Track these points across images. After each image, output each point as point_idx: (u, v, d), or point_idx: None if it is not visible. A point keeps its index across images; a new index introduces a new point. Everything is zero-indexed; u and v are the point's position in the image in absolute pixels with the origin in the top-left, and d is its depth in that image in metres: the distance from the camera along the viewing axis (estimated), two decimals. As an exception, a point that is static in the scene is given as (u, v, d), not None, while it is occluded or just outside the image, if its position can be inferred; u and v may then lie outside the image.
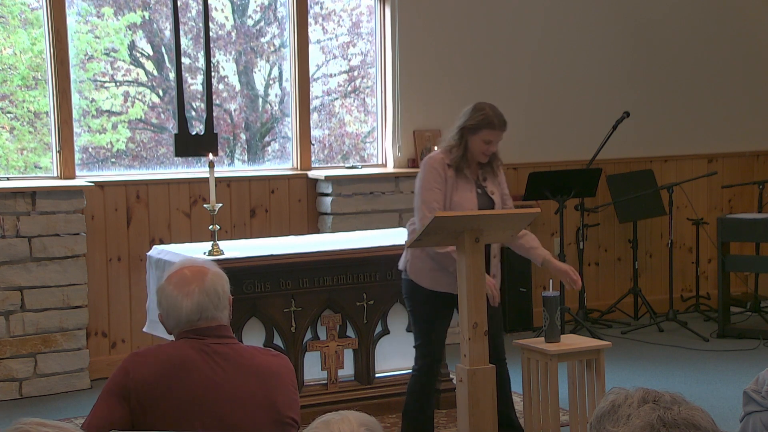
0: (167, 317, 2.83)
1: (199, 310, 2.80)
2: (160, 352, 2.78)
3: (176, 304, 2.80)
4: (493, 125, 4.46)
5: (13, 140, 6.33)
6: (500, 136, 4.49)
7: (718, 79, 8.10)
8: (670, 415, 1.61)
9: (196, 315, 2.79)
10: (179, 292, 2.81)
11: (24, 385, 5.89)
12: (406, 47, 7.00)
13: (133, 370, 2.71)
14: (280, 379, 2.82)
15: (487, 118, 4.46)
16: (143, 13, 6.59)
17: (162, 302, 2.84)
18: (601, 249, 7.77)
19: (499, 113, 4.50)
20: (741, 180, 8.12)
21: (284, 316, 5.25)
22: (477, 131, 4.47)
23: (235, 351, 2.81)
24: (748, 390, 2.47)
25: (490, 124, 4.45)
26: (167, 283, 2.85)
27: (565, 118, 7.56)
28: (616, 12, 7.71)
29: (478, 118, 4.47)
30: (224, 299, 2.85)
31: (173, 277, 2.85)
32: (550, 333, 4.42)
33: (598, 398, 4.35)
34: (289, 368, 2.89)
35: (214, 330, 2.80)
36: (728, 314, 7.20)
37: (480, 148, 4.48)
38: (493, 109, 4.51)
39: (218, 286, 2.84)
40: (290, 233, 6.45)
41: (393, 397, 5.40)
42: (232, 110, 6.99)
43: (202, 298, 2.80)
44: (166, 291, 2.84)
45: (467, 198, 4.46)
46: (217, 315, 2.82)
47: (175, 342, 2.83)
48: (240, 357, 2.80)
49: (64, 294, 5.95)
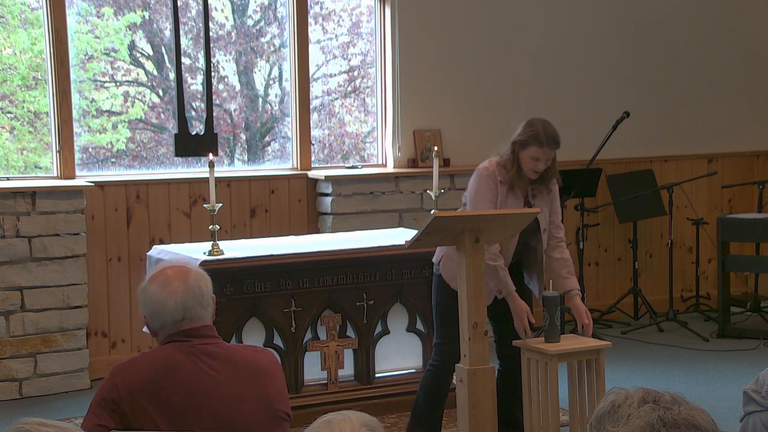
0: (152, 318, 2.81)
1: (184, 308, 2.79)
2: (147, 360, 2.77)
3: (161, 303, 2.79)
4: (541, 142, 4.41)
5: (13, 140, 6.33)
6: (549, 153, 4.44)
7: (718, 79, 8.10)
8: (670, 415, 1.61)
9: (180, 313, 2.78)
10: (163, 291, 2.80)
11: (24, 385, 5.89)
12: (406, 47, 7.00)
13: (121, 382, 2.69)
14: (270, 374, 2.83)
15: (535, 135, 4.42)
16: (143, 13, 6.59)
17: (146, 303, 2.82)
18: (601, 249, 7.77)
19: (551, 131, 4.44)
20: (741, 180, 8.12)
21: (284, 316, 5.24)
22: (526, 147, 4.44)
23: (223, 350, 2.81)
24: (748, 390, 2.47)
25: (537, 141, 4.41)
26: (150, 283, 2.84)
27: (565, 118, 7.54)
28: (616, 12, 7.70)
29: (527, 133, 4.44)
30: (207, 298, 2.85)
31: (156, 277, 2.85)
32: (550, 333, 4.42)
33: (598, 398, 4.34)
34: (276, 363, 2.91)
35: (199, 330, 2.79)
36: (728, 314, 7.20)
37: (529, 164, 4.44)
38: (545, 125, 4.46)
39: (202, 285, 2.84)
40: (290, 233, 6.45)
41: (393, 397, 5.40)
42: (232, 110, 6.99)
43: (186, 297, 2.80)
44: (149, 291, 2.82)
45: None
46: (201, 313, 2.81)
47: (160, 347, 2.81)
48: (228, 355, 2.80)
49: (64, 294, 5.95)
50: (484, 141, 7.07)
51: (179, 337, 2.78)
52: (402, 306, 5.53)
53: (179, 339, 2.78)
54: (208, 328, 2.83)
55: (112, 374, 2.74)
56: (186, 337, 2.78)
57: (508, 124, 7.43)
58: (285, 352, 5.26)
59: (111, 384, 2.71)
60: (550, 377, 4.31)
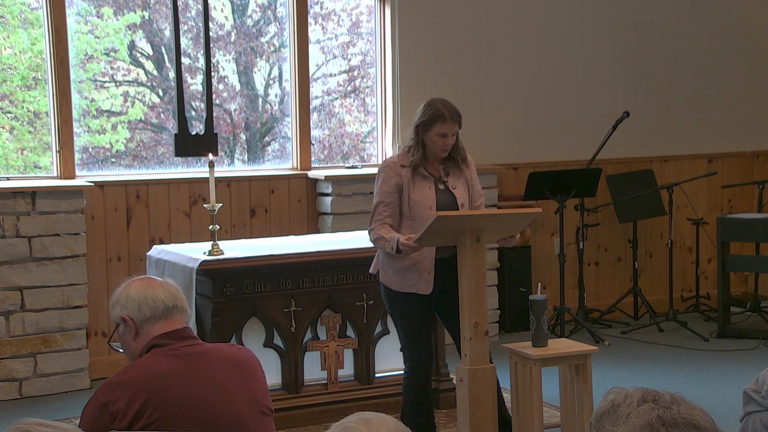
0: (140, 309, 2.76)
1: (174, 297, 2.80)
2: (132, 373, 2.69)
3: (150, 294, 2.78)
4: (444, 118, 4.48)
5: (13, 140, 6.33)
6: (454, 128, 4.50)
7: (718, 78, 8.10)
8: (670, 415, 1.61)
9: (172, 300, 2.78)
10: (147, 286, 2.81)
11: (24, 385, 5.89)
12: (406, 47, 7.00)
13: (109, 402, 2.62)
14: (252, 370, 2.83)
15: (437, 112, 4.49)
16: (143, 13, 6.59)
17: (129, 300, 2.78)
18: (601, 249, 7.76)
19: (451, 105, 4.52)
20: (741, 180, 8.12)
21: (284, 316, 5.24)
22: (430, 127, 4.49)
23: (206, 350, 2.80)
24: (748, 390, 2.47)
25: (441, 117, 4.48)
26: (127, 287, 2.82)
27: (565, 118, 7.56)
28: (616, 12, 7.70)
29: (429, 113, 4.51)
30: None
31: (131, 284, 2.83)
32: (537, 337, 4.37)
33: (587, 403, 4.35)
34: (256, 359, 2.90)
35: (180, 332, 2.78)
36: (728, 314, 7.20)
37: (437, 143, 4.50)
38: (444, 102, 4.54)
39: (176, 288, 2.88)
40: (290, 233, 6.45)
41: (393, 397, 5.39)
42: (232, 110, 6.99)
43: (173, 289, 2.83)
44: (131, 292, 2.80)
45: (426, 195, 4.49)
46: (186, 309, 2.82)
47: (143, 358, 2.75)
48: (212, 354, 2.78)
49: (64, 294, 5.95)
50: (484, 141, 7.09)
51: (162, 339, 2.74)
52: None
53: (161, 344, 2.74)
54: (189, 330, 2.83)
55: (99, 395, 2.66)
56: (169, 340, 2.74)
57: (508, 123, 7.47)
58: (285, 352, 5.26)
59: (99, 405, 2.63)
60: (533, 382, 4.30)
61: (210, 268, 5.04)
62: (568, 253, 7.18)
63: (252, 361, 2.86)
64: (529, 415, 4.34)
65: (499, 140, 7.26)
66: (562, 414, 4.49)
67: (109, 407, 2.62)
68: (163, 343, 2.74)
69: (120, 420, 2.60)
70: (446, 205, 4.48)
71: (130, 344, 2.81)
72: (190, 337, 2.80)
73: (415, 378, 4.59)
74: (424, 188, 4.50)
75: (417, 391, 4.60)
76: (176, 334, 2.77)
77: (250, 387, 2.78)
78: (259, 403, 2.79)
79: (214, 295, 5.05)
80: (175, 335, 2.76)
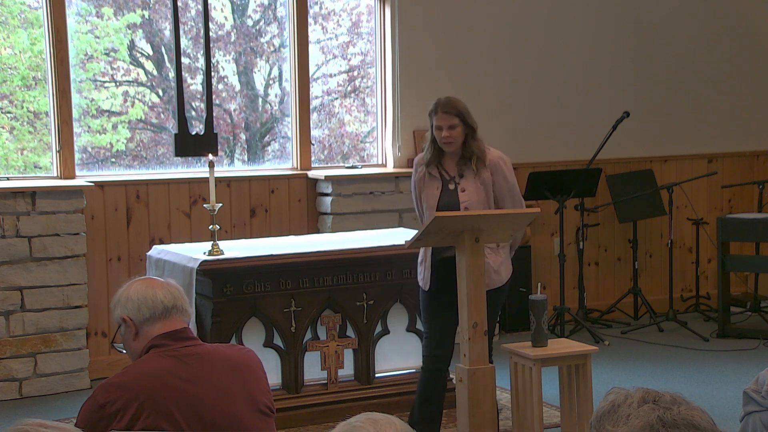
0: (139, 309, 2.76)
1: (174, 297, 2.79)
2: (130, 375, 2.69)
3: (149, 294, 2.78)
4: (435, 110, 4.57)
5: (13, 140, 6.33)
6: (449, 120, 4.55)
7: (719, 78, 8.10)
8: (670, 415, 1.61)
9: (171, 300, 2.78)
10: (148, 287, 2.80)
11: (24, 385, 5.89)
12: (406, 47, 7.00)
13: (106, 404, 2.62)
14: (252, 370, 2.82)
15: (432, 105, 4.60)
16: (143, 13, 6.59)
17: (129, 300, 2.78)
18: (601, 249, 7.76)
19: (447, 98, 4.60)
20: (741, 180, 8.12)
21: (284, 316, 5.24)
22: (431, 121, 4.62)
23: (205, 350, 2.79)
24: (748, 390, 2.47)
25: (434, 110, 4.58)
26: (128, 288, 2.82)
27: (565, 118, 7.56)
28: (616, 12, 7.70)
29: (429, 110, 4.63)
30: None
31: (132, 285, 2.83)
32: (536, 337, 4.39)
33: (586, 403, 4.35)
34: (257, 359, 2.90)
35: (179, 333, 2.77)
36: (728, 314, 7.20)
37: (438, 137, 4.60)
38: (442, 97, 4.63)
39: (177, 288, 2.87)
40: (290, 233, 6.45)
41: (393, 397, 5.40)
42: (232, 110, 6.99)
43: (173, 289, 2.83)
44: (131, 292, 2.80)
45: (431, 195, 4.61)
46: (188, 308, 2.82)
47: (142, 359, 2.75)
48: (211, 355, 2.78)
49: (64, 294, 5.95)
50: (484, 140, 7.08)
51: (162, 339, 2.74)
52: (402, 306, 5.53)
53: (159, 345, 2.73)
54: (188, 330, 2.82)
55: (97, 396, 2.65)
56: (168, 341, 2.74)
57: (508, 123, 7.46)
58: (285, 352, 5.26)
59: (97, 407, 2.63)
60: (533, 382, 4.30)
61: (210, 268, 5.04)
62: (568, 253, 7.18)
63: (252, 362, 2.85)
64: (529, 415, 4.34)
65: (499, 140, 7.23)
66: (562, 414, 4.49)
67: (106, 408, 2.62)
68: (162, 343, 2.74)
69: (117, 421, 2.60)
70: (447, 207, 4.51)
71: (130, 345, 2.82)
72: (189, 338, 2.79)
73: (425, 370, 4.70)
74: (432, 188, 4.62)
75: (425, 382, 4.68)
76: (175, 335, 2.76)
77: (249, 387, 2.78)
78: (258, 403, 2.78)
79: (214, 295, 5.05)
80: (174, 336, 2.76)
